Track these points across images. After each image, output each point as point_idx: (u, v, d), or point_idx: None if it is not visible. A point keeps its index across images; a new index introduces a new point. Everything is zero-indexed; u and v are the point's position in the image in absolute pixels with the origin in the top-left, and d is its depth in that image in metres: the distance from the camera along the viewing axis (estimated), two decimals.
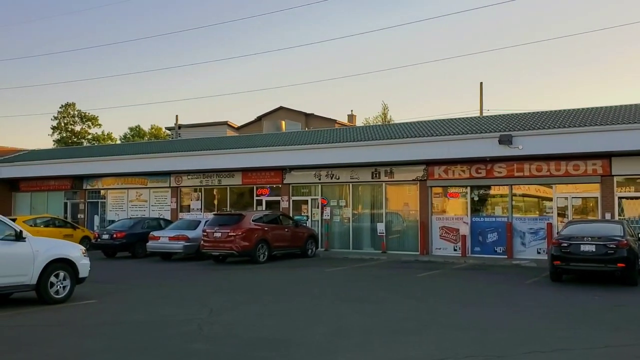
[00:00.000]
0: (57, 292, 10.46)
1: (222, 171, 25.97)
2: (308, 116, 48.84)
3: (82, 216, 29.28)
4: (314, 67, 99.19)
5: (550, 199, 20.08)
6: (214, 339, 7.65)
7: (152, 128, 61.07)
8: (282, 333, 7.99)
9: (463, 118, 24.13)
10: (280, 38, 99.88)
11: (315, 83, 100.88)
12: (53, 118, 60.09)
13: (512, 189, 20.58)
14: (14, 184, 31.63)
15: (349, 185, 23.62)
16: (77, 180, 29.52)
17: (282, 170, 24.67)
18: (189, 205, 27.17)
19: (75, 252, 10.94)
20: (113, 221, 28.10)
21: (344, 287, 13.25)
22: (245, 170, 25.48)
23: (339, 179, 23.63)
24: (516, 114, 23.36)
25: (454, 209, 21.63)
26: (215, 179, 26.46)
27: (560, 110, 21.75)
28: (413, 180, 22.14)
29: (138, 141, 51.63)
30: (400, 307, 10.26)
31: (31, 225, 21.91)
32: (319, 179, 24.03)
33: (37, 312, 9.66)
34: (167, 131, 55.22)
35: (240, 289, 12.93)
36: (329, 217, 23.91)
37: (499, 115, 23.54)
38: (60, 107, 60.10)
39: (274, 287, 13.15)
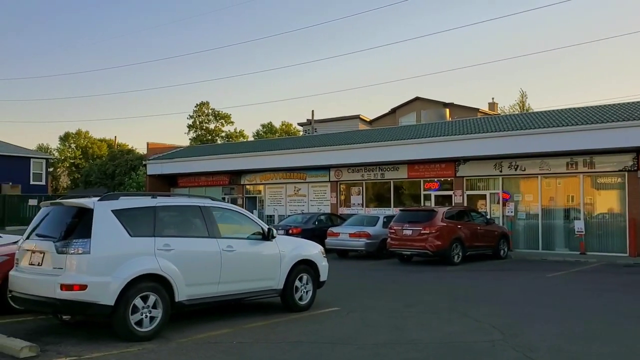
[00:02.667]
0: (301, 298, 9.25)
1: (386, 164, 24.44)
2: (447, 106, 46.22)
3: None
4: (447, 55, 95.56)
5: None
6: None
7: (282, 124, 61.33)
8: None
9: None
10: (410, 28, 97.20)
11: (448, 72, 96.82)
12: (189, 117, 62.12)
13: None
14: (172, 180, 32.25)
15: (537, 177, 21.09)
16: (235, 175, 29.39)
17: (455, 161, 22.65)
18: (349, 200, 25.96)
19: (315, 251, 9.73)
20: (271, 216, 27.66)
21: (605, 299, 11.01)
22: (411, 163, 23.76)
23: (524, 170, 21.18)
24: None
25: None
26: (377, 173, 24.99)
27: None
28: (619, 170, 19.27)
29: (270, 137, 51.74)
30: None
31: None
32: (500, 171, 21.72)
33: (291, 322, 8.43)
34: (299, 127, 55.01)
35: (474, 296, 11.13)
36: (512, 214, 21.52)
37: None
38: (195, 107, 62.03)
39: (514, 297, 11.20)
